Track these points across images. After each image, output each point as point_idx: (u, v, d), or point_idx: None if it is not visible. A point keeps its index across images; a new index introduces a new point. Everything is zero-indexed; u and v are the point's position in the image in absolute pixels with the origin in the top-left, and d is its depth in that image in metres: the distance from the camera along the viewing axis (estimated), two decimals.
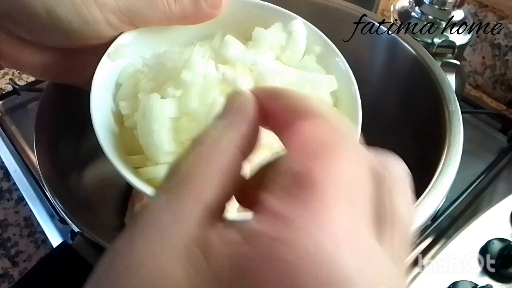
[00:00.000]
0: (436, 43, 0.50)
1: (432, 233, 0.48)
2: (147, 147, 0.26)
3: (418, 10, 0.54)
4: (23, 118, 0.60)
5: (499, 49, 0.63)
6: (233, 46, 0.29)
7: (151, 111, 0.25)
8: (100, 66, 0.27)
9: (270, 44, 0.30)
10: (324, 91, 0.29)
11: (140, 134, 0.26)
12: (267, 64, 0.28)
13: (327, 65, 0.31)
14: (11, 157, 0.55)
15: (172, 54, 0.28)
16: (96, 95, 0.27)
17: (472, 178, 0.52)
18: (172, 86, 0.26)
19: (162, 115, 0.25)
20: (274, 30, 0.30)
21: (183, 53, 0.28)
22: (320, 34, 0.32)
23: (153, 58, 0.30)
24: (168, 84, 0.27)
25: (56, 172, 0.32)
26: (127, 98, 0.28)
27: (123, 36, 0.29)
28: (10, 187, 0.53)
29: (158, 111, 0.25)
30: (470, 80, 0.68)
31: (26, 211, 0.51)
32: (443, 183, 0.32)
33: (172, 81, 0.27)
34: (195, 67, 0.26)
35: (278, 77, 0.28)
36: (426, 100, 0.39)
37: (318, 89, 0.29)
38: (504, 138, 0.59)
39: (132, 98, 0.28)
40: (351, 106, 0.30)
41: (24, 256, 0.47)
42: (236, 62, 0.28)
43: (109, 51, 0.28)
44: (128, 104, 0.28)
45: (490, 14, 0.62)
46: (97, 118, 0.26)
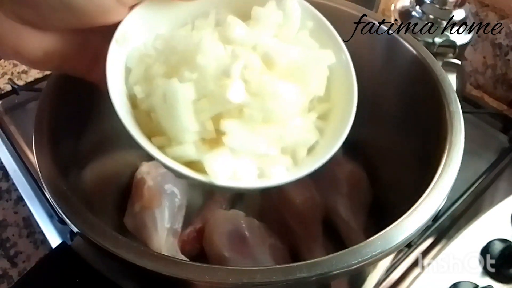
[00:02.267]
0: (437, 42, 0.50)
1: (433, 233, 0.48)
2: (171, 129, 0.27)
3: (419, 9, 0.54)
4: (22, 118, 0.59)
5: (500, 48, 0.63)
6: (237, 27, 0.30)
7: (174, 96, 0.27)
8: (111, 52, 0.28)
9: (270, 23, 0.31)
10: (324, 65, 0.31)
11: (163, 117, 0.27)
12: (273, 44, 0.29)
13: (320, 40, 0.32)
14: (10, 157, 0.55)
15: (181, 37, 0.30)
16: (111, 81, 0.27)
17: (473, 178, 0.52)
18: (188, 70, 0.28)
19: (185, 99, 0.27)
20: (270, 8, 0.31)
21: (192, 37, 0.30)
22: (312, 9, 0.33)
23: (160, 42, 0.31)
24: (183, 68, 0.28)
25: (55, 172, 0.32)
26: (139, 82, 0.29)
27: (126, 20, 0.29)
28: (9, 187, 0.53)
29: (181, 95, 0.27)
30: (471, 80, 0.68)
31: (25, 211, 0.51)
32: (445, 183, 0.32)
33: (186, 65, 0.28)
34: (207, 51, 0.28)
35: (283, 55, 0.29)
36: (427, 100, 0.38)
37: (319, 64, 0.30)
38: (506, 138, 0.59)
39: (145, 82, 0.29)
40: (345, 77, 0.32)
41: (23, 256, 0.47)
42: (241, 43, 0.29)
43: (116, 37, 0.29)
44: (142, 88, 0.29)
45: (491, 14, 0.62)
46: (117, 103, 0.27)
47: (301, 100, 0.29)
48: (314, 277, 0.26)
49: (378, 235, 0.29)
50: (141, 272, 0.27)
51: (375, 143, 0.49)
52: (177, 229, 0.45)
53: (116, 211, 0.45)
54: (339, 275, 0.27)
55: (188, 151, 0.27)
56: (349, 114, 0.31)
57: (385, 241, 0.28)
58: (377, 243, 0.28)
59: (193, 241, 0.45)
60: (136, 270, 0.27)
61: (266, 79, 0.28)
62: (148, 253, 0.27)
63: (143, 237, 0.42)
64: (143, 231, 0.42)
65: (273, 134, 0.28)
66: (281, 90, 0.27)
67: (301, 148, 0.30)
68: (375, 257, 0.28)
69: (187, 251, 0.44)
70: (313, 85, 0.30)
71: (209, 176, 0.27)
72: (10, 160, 0.54)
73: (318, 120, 0.32)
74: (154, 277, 0.27)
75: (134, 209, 0.44)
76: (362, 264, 0.27)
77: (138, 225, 0.43)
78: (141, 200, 0.44)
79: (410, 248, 0.46)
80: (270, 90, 0.27)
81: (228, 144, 0.27)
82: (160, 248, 0.41)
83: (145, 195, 0.44)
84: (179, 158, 0.28)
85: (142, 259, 0.27)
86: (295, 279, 0.26)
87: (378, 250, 0.28)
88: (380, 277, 0.43)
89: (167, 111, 0.27)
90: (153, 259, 0.27)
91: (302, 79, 0.29)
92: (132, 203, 0.45)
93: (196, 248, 0.44)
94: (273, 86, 0.27)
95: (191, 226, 0.46)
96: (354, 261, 0.27)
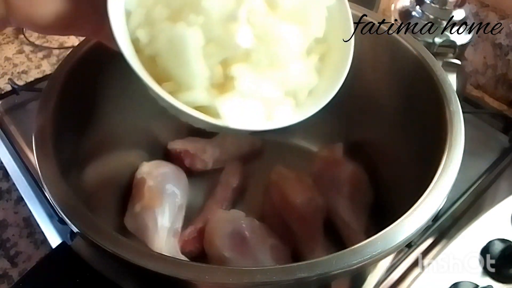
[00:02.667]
0: (437, 42, 0.50)
1: (433, 233, 0.48)
2: (181, 75, 0.27)
3: (419, 9, 0.54)
4: (22, 118, 0.59)
5: (500, 48, 0.62)
6: None
7: (183, 41, 0.26)
8: None
9: None
10: (323, 6, 0.31)
11: (170, 62, 0.27)
12: None
13: None
14: (10, 157, 0.55)
15: None
16: (116, 26, 0.27)
17: (473, 178, 0.52)
18: (193, 13, 0.27)
19: (195, 44, 0.26)
20: None
21: None
22: None
23: None
24: (187, 12, 0.27)
25: (55, 173, 0.32)
26: (141, 25, 0.29)
27: None
28: (9, 187, 0.53)
29: (190, 40, 0.26)
30: (472, 80, 0.68)
31: (26, 211, 0.50)
32: (445, 183, 0.32)
33: (190, 8, 0.27)
34: None
35: None
36: (428, 100, 0.38)
37: (319, 5, 0.30)
38: (506, 138, 0.59)
39: (148, 26, 0.28)
40: (342, 17, 0.32)
41: (23, 256, 0.47)
42: None
43: None
44: (145, 32, 0.28)
45: (491, 14, 0.61)
46: (125, 49, 0.26)
47: (303, 42, 0.30)
48: (314, 277, 0.26)
49: (378, 235, 0.29)
50: (141, 272, 0.27)
51: (375, 143, 0.49)
52: (177, 229, 0.45)
53: (117, 212, 0.45)
54: (339, 275, 0.27)
55: (199, 97, 0.27)
56: (348, 55, 0.31)
57: (385, 241, 0.28)
58: (377, 243, 0.28)
59: (193, 241, 0.45)
60: (136, 270, 0.27)
61: (271, 22, 0.28)
62: (148, 253, 0.27)
63: (144, 237, 0.42)
64: (144, 231, 0.42)
65: (277, 77, 0.28)
66: (285, 33, 0.28)
67: (303, 90, 0.31)
68: (375, 257, 0.28)
69: (188, 251, 0.44)
70: (314, 27, 0.30)
71: (222, 120, 0.27)
72: (10, 160, 0.54)
73: (317, 62, 0.32)
74: (154, 277, 0.27)
75: (135, 209, 0.44)
76: (362, 264, 0.27)
77: (139, 225, 0.43)
78: (142, 200, 0.44)
79: (410, 248, 0.46)
80: (275, 33, 0.27)
81: (239, 88, 0.27)
82: (161, 248, 0.41)
83: (145, 195, 0.44)
84: (190, 103, 0.27)
85: (142, 259, 0.27)
86: (295, 279, 0.26)
87: (378, 250, 0.28)
88: (380, 277, 0.43)
89: (175, 57, 0.27)
90: (153, 259, 0.27)
91: (304, 20, 0.29)
92: (133, 203, 0.45)
93: (196, 248, 0.44)
94: (278, 29, 0.27)
95: (191, 226, 0.46)
96: (354, 261, 0.27)
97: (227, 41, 0.27)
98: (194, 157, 0.50)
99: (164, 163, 0.49)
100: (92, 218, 0.29)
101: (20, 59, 0.70)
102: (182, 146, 0.51)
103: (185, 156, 0.50)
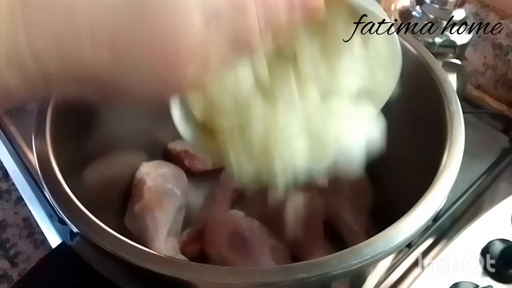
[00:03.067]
0: (437, 42, 0.50)
1: (433, 233, 0.48)
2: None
3: (419, 9, 0.54)
4: (22, 119, 0.59)
5: (500, 49, 0.63)
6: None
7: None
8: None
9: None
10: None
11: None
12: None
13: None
14: (10, 157, 0.55)
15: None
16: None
17: (473, 178, 0.52)
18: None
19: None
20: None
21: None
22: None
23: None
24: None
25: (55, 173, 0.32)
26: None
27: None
28: (9, 188, 0.53)
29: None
30: (472, 80, 0.68)
31: (25, 211, 0.51)
32: (445, 183, 0.32)
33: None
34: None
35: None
36: (428, 100, 0.38)
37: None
38: (506, 138, 0.59)
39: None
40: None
41: (23, 256, 0.48)
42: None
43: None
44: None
45: (491, 14, 0.62)
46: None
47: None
48: (314, 278, 0.26)
49: (378, 235, 0.29)
50: (141, 272, 0.27)
51: None
52: (177, 229, 0.45)
53: (117, 212, 0.45)
54: (340, 275, 0.27)
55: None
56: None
57: (385, 241, 0.28)
58: (377, 243, 0.28)
59: (193, 242, 0.45)
60: (136, 270, 0.27)
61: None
62: (148, 254, 0.27)
63: (144, 237, 0.42)
64: (144, 231, 0.42)
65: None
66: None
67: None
68: (375, 257, 0.28)
69: (187, 251, 0.44)
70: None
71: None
72: (10, 160, 0.54)
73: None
74: (154, 277, 0.27)
75: (135, 210, 0.44)
76: (362, 264, 0.27)
77: (139, 225, 0.43)
78: (142, 200, 0.44)
79: (410, 249, 0.46)
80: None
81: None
82: (161, 249, 0.41)
83: (145, 195, 0.44)
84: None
85: (142, 260, 0.27)
86: (295, 279, 0.26)
87: (378, 250, 0.28)
88: (380, 277, 0.43)
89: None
90: (153, 259, 0.27)
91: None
92: (133, 204, 0.45)
93: (196, 248, 0.44)
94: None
95: (191, 226, 0.46)
96: (354, 261, 0.27)
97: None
98: (194, 157, 0.50)
99: (164, 163, 0.49)
100: (92, 218, 0.29)
101: None
102: (182, 146, 0.51)
103: (185, 156, 0.50)
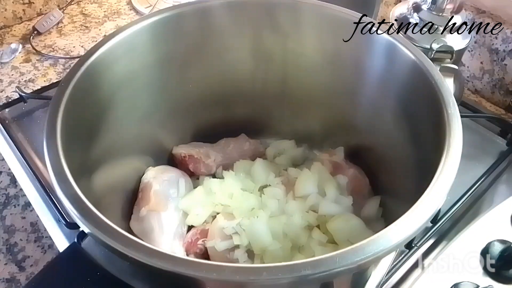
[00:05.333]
0: (435, 48, 0.51)
1: (433, 235, 0.48)
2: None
3: (416, 16, 0.55)
4: (30, 126, 0.60)
5: (497, 54, 0.64)
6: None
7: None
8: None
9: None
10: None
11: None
12: None
13: None
14: (18, 163, 0.56)
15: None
16: None
17: (472, 181, 0.52)
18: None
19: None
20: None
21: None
22: None
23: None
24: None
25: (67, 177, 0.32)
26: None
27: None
28: (17, 193, 0.54)
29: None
30: (469, 85, 0.69)
31: (33, 216, 0.51)
32: (442, 185, 0.32)
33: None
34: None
35: None
36: (425, 103, 0.39)
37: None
38: (503, 141, 0.59)
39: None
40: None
41: (31, 261, 0.48)
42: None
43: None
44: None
45: (487, 20, 0.63)
46: None
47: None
48: (318, 274, 0.27)
49: (379, 234, 0.29)
50: (151, 270, 0.28)
51: (375, 146, 0.50)
52: (182, 232, 0.46)
53: (123, 215, 0.46)
54: (343, 272, 0.28)
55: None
56: None
57: (386, 239, 0.29)
58: (379, 241, 0.29)
59: (196, 243, 0.45)
60: (146, 268, 0.28)
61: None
62: (158, 252, 0.28)
63: (149, 240, 0.43)
64: (149, 234, 0.43)
65: None
66: None
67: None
68: (377, 254, 0.28)
69: (192, 253, 0.44)
70: None
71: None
72: (18, 166, 0.55)
73: None
74: (163, 274, 0.28)
75: (141, 213, 0.45)
76: (364, 262, 0.28)
77: (145, 228, 0.44)
78: (148, 204, 0.45)
79: (411, 250, 0.46)
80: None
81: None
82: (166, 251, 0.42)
83: (151, 199, 0.45)
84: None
85: (152, 258, 0.27)
86: (300, 276, 0.27)
87: (380, 248, 0.28)
88: (382, 278, 0.43)
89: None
90: (163, 257, 0.28)
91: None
92: (139, 207, 0.45)
93: (200, 250, 0.45)
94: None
95: (195, 228, 0.46)
96: (357, 258, 0.28)
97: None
98: (198, 162, 0.51)
99: (170, 168, 0.50)
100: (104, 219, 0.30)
101: (27, 67, 0.72)
102: (187, 151, 0.52)
103: (190, 160, 0.51)
